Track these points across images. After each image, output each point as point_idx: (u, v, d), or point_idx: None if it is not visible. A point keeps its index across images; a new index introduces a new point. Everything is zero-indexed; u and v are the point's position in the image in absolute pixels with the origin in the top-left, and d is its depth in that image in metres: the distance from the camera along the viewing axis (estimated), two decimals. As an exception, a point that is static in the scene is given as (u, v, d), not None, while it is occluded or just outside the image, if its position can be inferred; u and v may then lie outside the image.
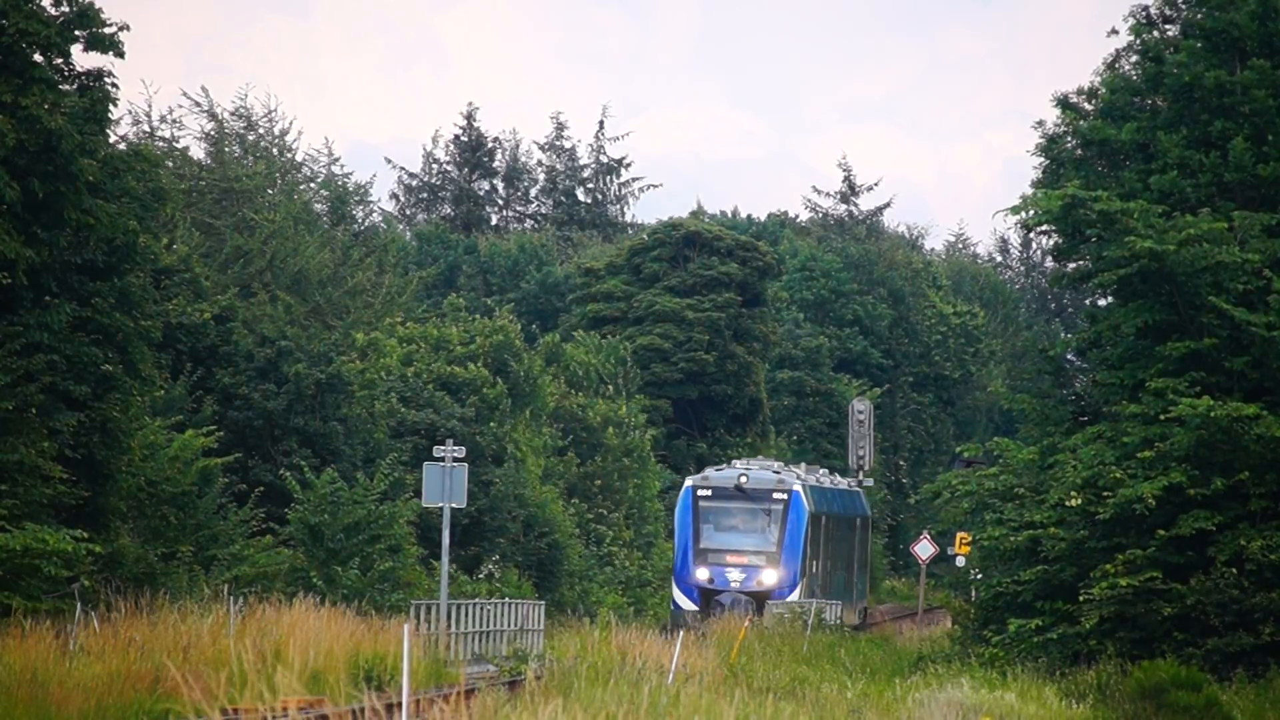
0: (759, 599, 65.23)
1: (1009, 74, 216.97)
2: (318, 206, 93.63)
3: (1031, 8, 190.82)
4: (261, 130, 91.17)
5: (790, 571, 66.48)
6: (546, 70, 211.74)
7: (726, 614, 63.09)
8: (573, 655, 51.73)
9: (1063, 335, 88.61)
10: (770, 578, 66.46)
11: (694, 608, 66.89)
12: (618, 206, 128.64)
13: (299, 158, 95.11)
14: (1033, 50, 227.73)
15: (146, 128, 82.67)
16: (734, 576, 65.96)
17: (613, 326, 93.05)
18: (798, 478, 72.02)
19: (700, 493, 69.01)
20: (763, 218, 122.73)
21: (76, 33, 57.15)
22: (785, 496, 68.08)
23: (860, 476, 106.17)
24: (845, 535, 79.04)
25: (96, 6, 57.33)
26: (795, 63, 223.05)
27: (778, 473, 71.90)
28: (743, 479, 69.52)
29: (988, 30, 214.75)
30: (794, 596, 65.37)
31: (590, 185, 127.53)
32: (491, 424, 77.75)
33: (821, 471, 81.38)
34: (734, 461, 78.28)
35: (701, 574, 66.97)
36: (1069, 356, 68.42)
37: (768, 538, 66.76)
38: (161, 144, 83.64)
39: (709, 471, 73.90)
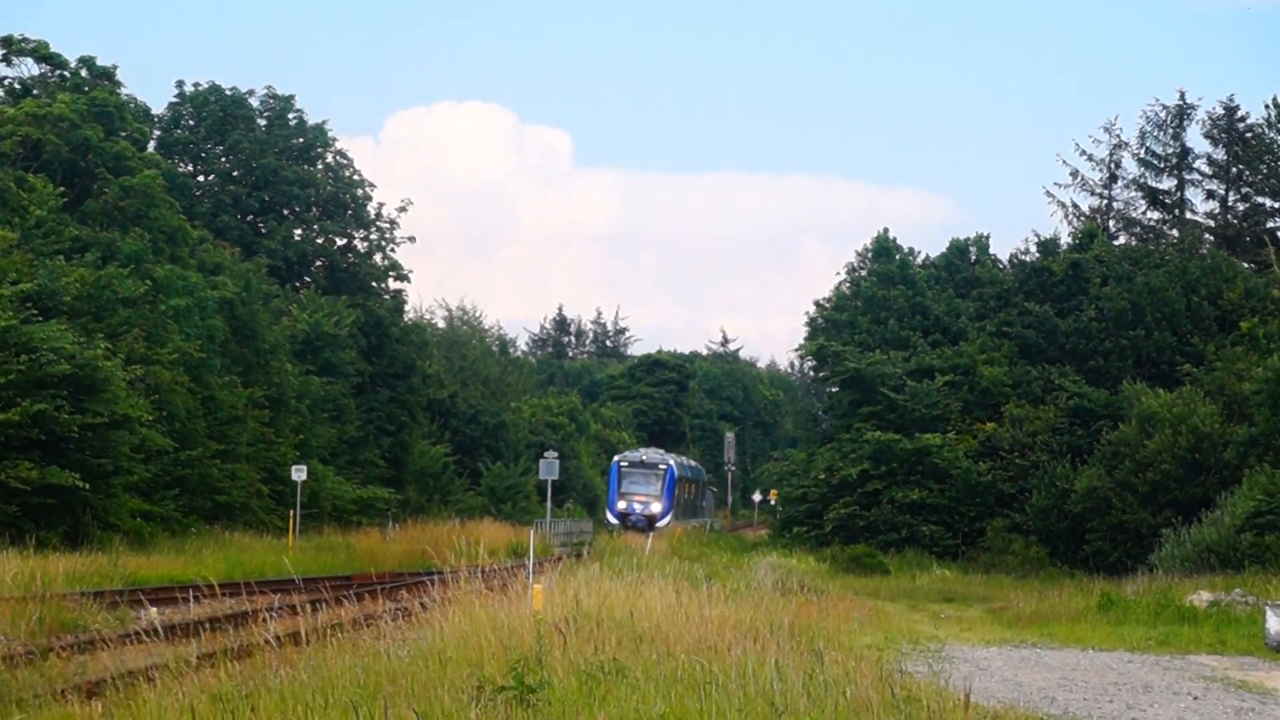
0: (650, 520, 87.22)
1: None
2: (493, 347, 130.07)
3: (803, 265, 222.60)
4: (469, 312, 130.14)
5: (666, 506, 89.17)
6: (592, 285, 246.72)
7: (633, 527, 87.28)
8: (604, 544, 69.76)
9: (816, 403, 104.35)
10: (656, 509, 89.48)
11: (617, 524, 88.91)
12: (625, 348, 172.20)
13: (487, 324, 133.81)
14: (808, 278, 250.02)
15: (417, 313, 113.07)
16: (638, 508, 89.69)
17: (620, 401, 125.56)
18: (671, 458, 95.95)
19: (622, 464, 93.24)
20: (686, 352, 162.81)
21: (390, 273, 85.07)
22: (664, 467, 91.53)
23: (729, 467, 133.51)
24: (695, 489, 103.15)
25: (401, 262, 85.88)
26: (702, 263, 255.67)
27: (660, 455, 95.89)
28: (644, 457, 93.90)
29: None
30: (668, 520, 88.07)
31: (611, 342, 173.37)
32: (570, 442, 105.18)
33: (684, 458, 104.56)
34: (639, 449, 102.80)
35: (621, 505, 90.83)
36: (821, 413, 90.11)
37: (655, 489, 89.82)
38: (426, 318, 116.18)
39: (627, 453, 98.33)
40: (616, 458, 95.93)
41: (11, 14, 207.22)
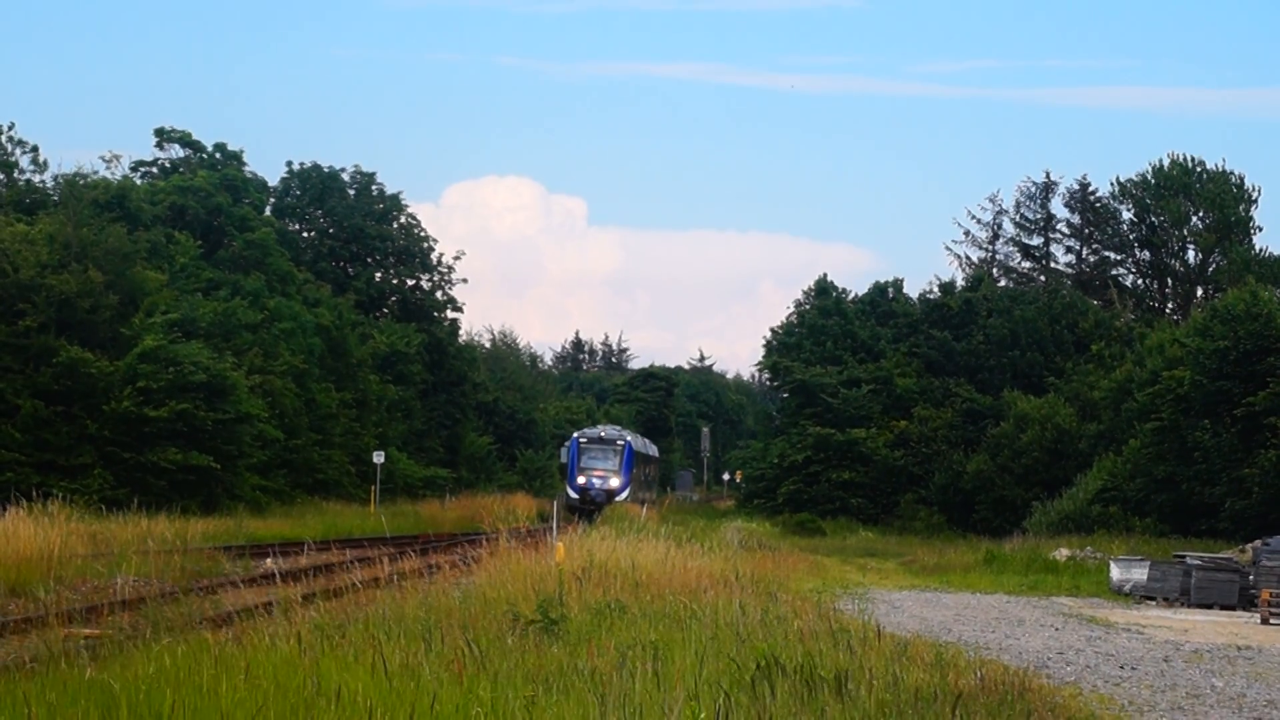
0: (609, 495, 67.90)
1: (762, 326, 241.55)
2: (526, 362, 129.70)
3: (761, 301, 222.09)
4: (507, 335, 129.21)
5: (624, 482, 69.56)
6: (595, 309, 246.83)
7: (592, 502, 66.56)
8: (609, 512, 61.22)
9: (771, 406, 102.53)
10: (614, 484, 69.21)
11: (576, 498, 68.24)
12: (626, 364, 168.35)
13: (520, 344, 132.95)
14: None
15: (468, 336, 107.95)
16: (597, 483, 68.95)
17: (623, 404, 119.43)
18: (628, 434, 75.08)
19: (581, 440, 71.71)
20: (673, 366, 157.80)
21: (447, 306, 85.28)
22: (622, 443, 71.05)
23: (705, 454, 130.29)
24: (650, 467, 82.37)
25: (455, 297, 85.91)
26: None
27: (618, 431, 75.13)
28: (602, 433, 72.98)
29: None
30: (626, 495, 68.62)
31: (616, 358, 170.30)
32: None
33: (642, 436, 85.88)
34: (597, 425, 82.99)
35: (581, 480, 69.56)
36: (774, 413, 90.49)
37: (613, 464, 69.74)
38: (475, 340, 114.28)
39: (586, 430, 76.93)
40: (575, 434, 74.99)
41: (164, 108, 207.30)
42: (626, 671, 12.04)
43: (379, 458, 61.57)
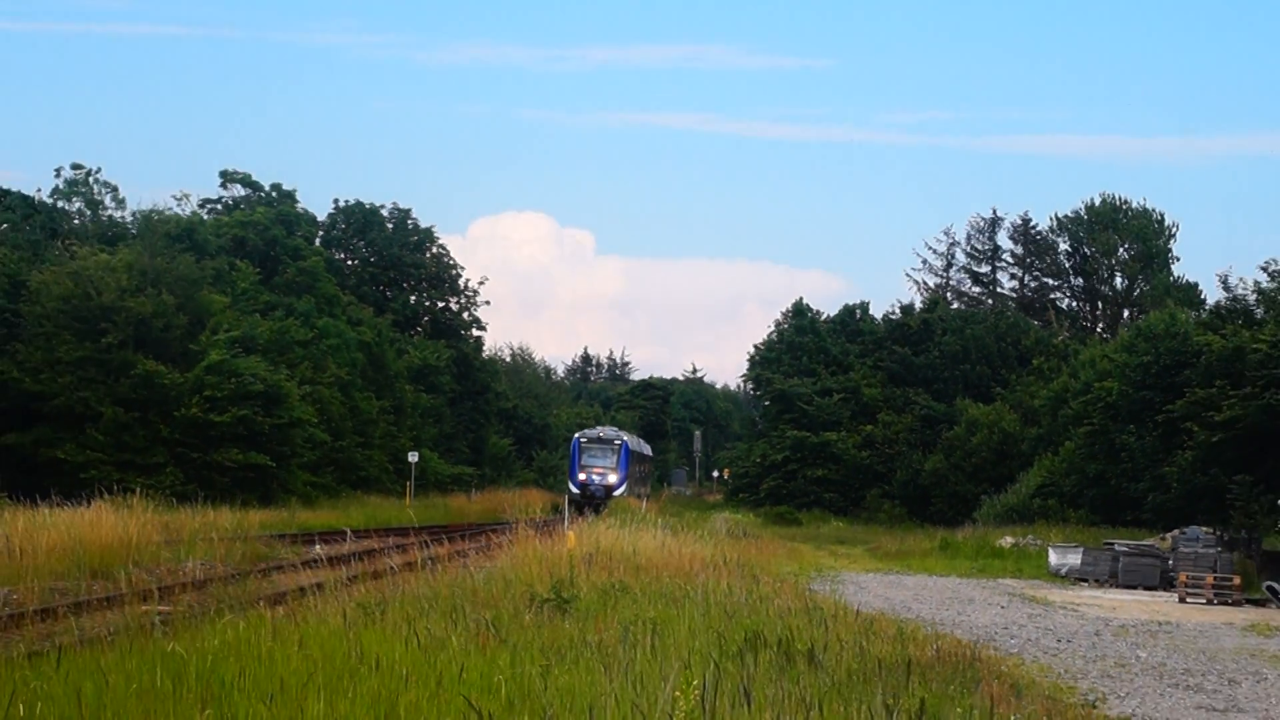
0: (608, 490, 64.80)
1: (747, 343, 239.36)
2: (541, 374, 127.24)
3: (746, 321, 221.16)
4: (525, 351, 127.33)
5: (622, 478, 66.42)
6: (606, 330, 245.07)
7: (593, 497, 62.75)
8: (613, 505, 61.79)
9: (754, 412, 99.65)
10: (612, 480, 65.92)
11: (577, 493, 64.25)
12: (628, 376, 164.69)
13: (536, 359, 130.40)
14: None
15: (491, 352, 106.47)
16: (596, 479, 65.66)
17: (626, 410, 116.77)
18: (625, 434, 71.51)
19: (581, 440, 68.39)
20: (669, 378, 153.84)
21: (473, 325, 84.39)
22: (619, 442, 67.89)
23: (697, 454, 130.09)
24: (645, 464, 78.85)
25: (480, 318, 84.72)
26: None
27: (615, 431, 71.45)
28: (601, 434, 69.37)
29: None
30: (623, 490, 65.75)
31: (619, 371, 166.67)
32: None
33: (638, 437, 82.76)
34: (597, 426, 79.59)
35: (581, 477, 66.26)
36: (757, 418, 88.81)
37: (611, 462, 66.53)
38: (497, 355, 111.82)
39: (585, 430, 73.03)
40: (576, 434, 71.59)
41: (228, 152, 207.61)
42: (629, 644, 12.02)
43: (413, 457, 61.24)
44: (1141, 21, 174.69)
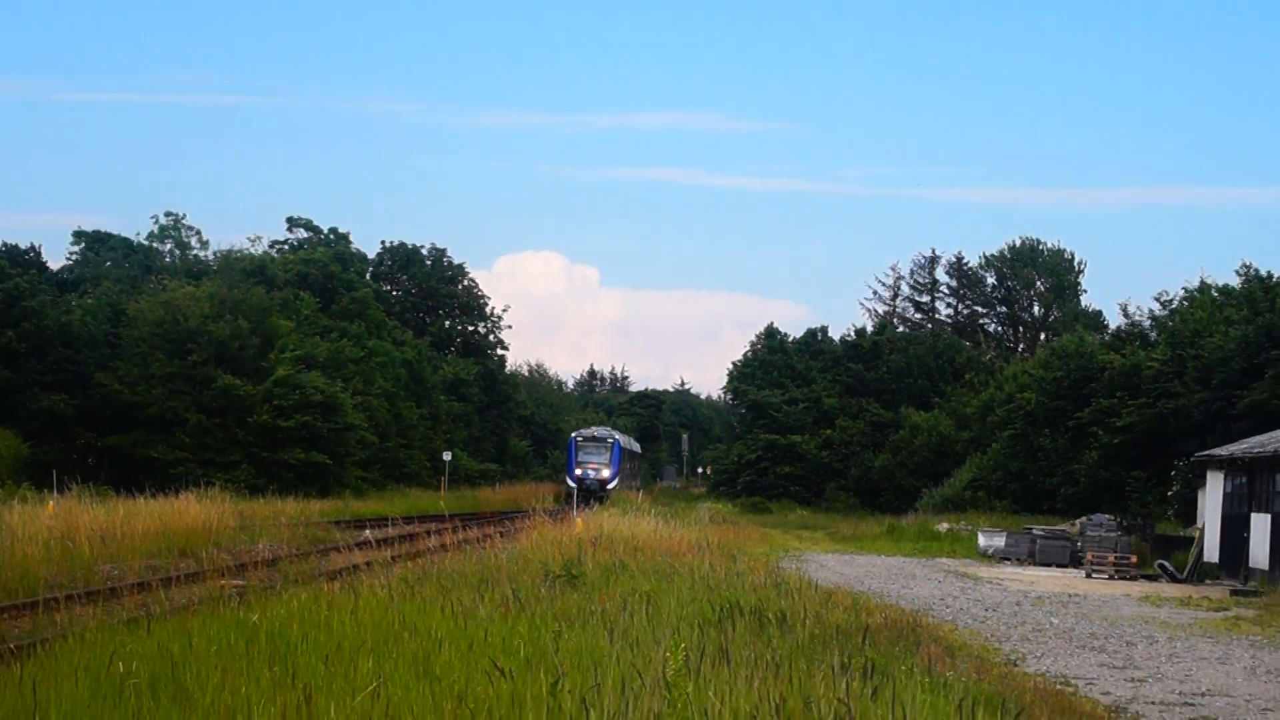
0: (601, 484, 60.11)
1: (726, 360, 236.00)
2: (554, 386, 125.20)
3: (726, 342, 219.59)
4: (541, 367, 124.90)
5: (614, 473, 61.77)
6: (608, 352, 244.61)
7: (588, 490, 57.42)
8: (615, 497, 60.12)
9: (733, 418, 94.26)
10: (605, 474, 61.34)
11: (574, 486, 57.03)
12: (627, 388, 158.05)
13: (550, 374, 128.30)
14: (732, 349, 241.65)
15: (513, 368, 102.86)
16: (591, 474, 60.88)
17: (625, 417, 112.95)
18: (617, 433, 67.07)
19: (578, 438, 63.79)
20: (661, 390, 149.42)
21: (497, 346, 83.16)
22: (612, 440, 63.48)
23: (684, 454, 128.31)
24: (635, 461, 74.99)
25: (504, 340, 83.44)
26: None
27: (608, 431, 67.03)
28: (595, 433, 64.83)
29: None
30: (615, 484, 61.14)
31: (620, 384, 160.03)
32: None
33: (629, 436, 78.10)
34: (591, 426, 74.22)
35: (578, 472, 61.58)
36: (735, 424, 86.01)
37: (604, 458, 62.02)
38: (518, 370, 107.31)
39: (582, 430, 67.69)
40: (574, 433, 66.28)
41: (293, 200, 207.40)
42: (628, 612, 11.97)
43: (447, 456, 60.82)
44: (1055, 93, 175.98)
